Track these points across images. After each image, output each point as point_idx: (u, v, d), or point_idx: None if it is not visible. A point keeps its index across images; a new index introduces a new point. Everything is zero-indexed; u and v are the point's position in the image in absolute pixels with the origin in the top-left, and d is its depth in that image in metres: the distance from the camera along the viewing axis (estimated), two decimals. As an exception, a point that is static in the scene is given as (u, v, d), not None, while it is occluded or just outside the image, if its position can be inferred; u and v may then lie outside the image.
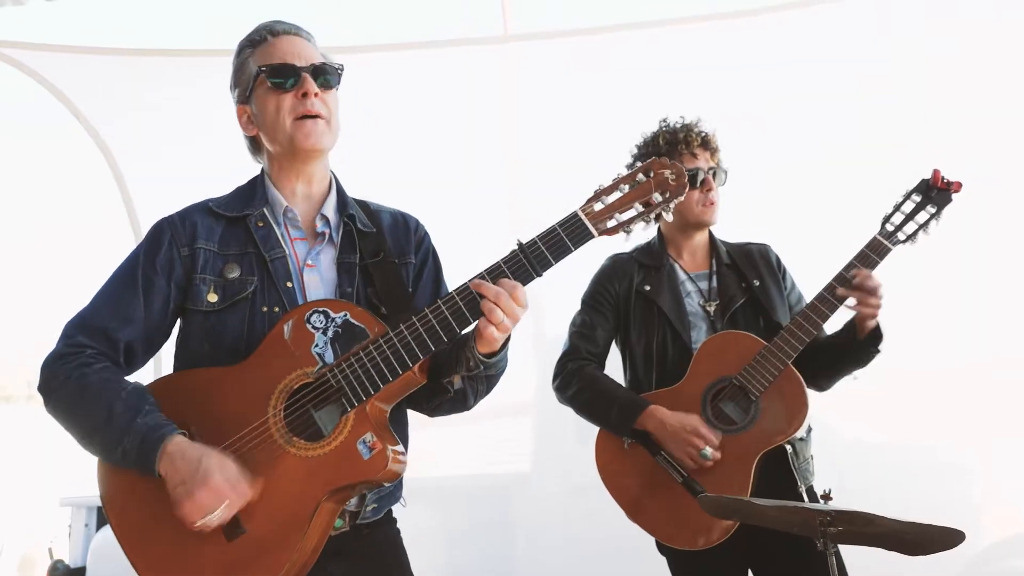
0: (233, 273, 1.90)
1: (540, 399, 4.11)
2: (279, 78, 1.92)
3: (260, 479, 1.72)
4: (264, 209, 1.97)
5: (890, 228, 2.47)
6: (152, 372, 2.72)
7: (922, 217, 2.46)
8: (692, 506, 2.34)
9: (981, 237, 3.64)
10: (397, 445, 1.79)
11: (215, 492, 1.67)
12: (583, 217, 1.73)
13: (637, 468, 2.55)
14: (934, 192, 2.45)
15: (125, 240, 4.43)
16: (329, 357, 1.78)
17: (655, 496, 2.51)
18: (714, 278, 2.72)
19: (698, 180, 2.64)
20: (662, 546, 2.59)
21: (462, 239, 1.82)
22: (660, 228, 2.82)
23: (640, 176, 1.76)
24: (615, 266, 2.78)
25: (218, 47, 4.28)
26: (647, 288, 2.69)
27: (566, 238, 1.72)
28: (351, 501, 1.86)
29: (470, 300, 1.72)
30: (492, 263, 1.75)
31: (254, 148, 2.07)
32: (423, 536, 2.16)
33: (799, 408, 2.46)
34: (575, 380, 2.66)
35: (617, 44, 4.34)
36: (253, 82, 1.95)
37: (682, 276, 2.74)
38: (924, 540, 1.96)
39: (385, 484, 1.82)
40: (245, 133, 2.04)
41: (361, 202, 2.08)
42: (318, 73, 1.93)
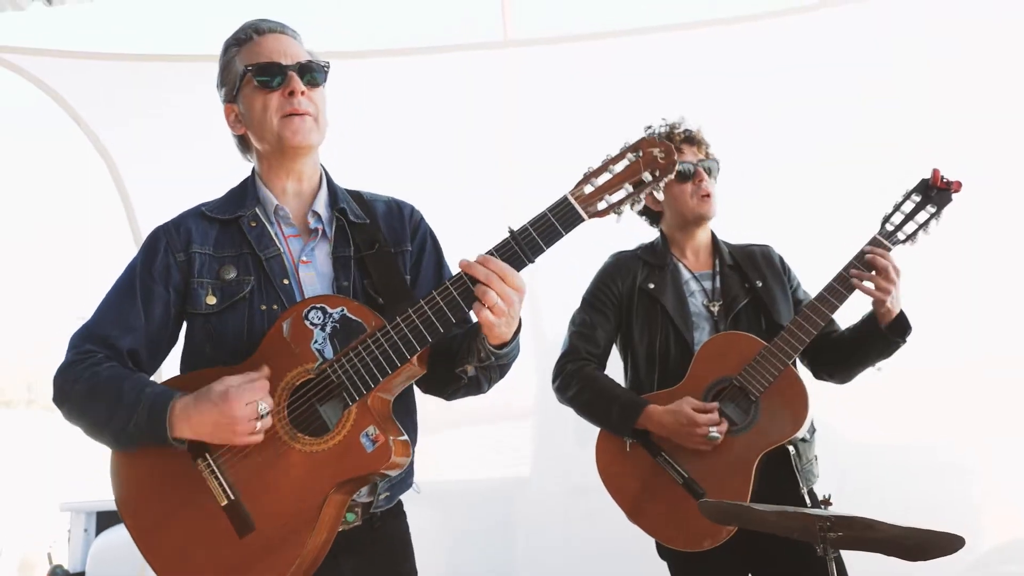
0: (230, 274, 1.92)
1: (540, 402, 4.11)
2: (265, 76, 1.93)
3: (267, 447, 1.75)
4: (256, 209, 1.98)
5: (890, 228, 2.47)
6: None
7: (922, 217, 2.46)
8: (693, 508, 2.33)
9: (982, 237, 3.64)
10: (401, 436, 1.80)
11: (243, 398, 1.70)
12: (572, 201, 1.73)
13: (638, 469, 2.54)
14: (934, 192, 2.45)
15: (125, 244, 4.42)
16: (329, 352, 1.79)
17: (656, 498, 2.51)
18: (717, 278, 2.72)
19: (688, 173, 2.65)
20: (662, 549, 2.59)
21: (462, 244, 1.83)
22: (662, 229, 2.82)
23: (629, 155, 1.74)
24: (618, 264, 2.78)
25: (217, 52, 4.29)
26: (651, 286, 2.69)
27: (556, 223, 1.72)
28: (363, 491, 1.88)
29: (464, 288, 1.72)
30: (485, 251, 1.74)
31: (243, 146, 2.08)
32: (424, 539, 2.16)
33: (800, 409, 2.46)
34: (575, 381, 2.66)
35: (618, 49, 4.34)
36: (240, 81, 1.96)
37: (686, 275, 2.73)
38: (924, 545, 1.96)
39: (391, 474, 1.83)
40: (233, 132, 2.05)
41: (354, 193, 2.08)
42: (304, 71, 1.94)
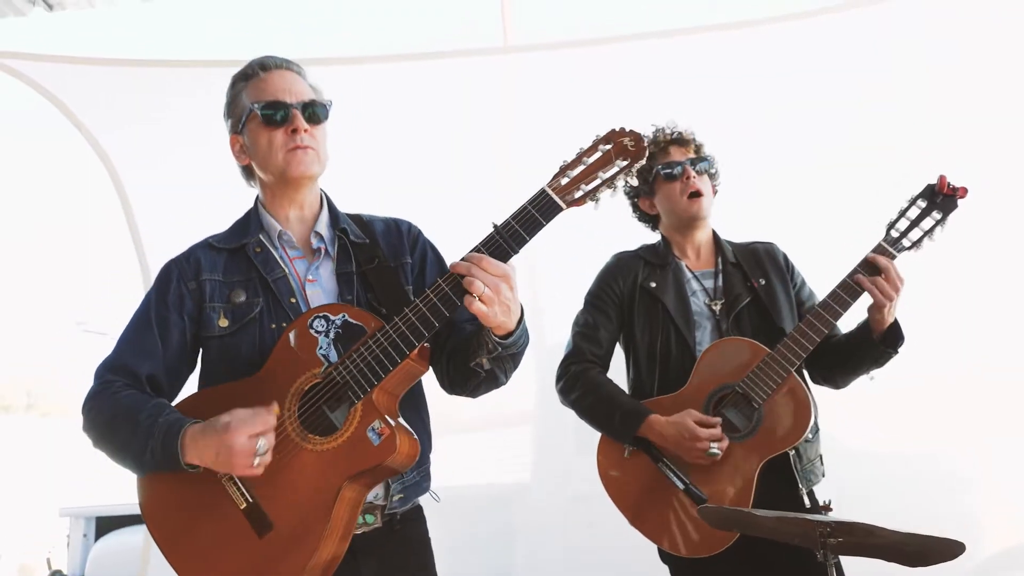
0: (240, 297, 2.03)
1: (540, 409, 4.11)
2: (271, 112, 2.03)
3: (279, 449, 1.82)
4: (260, 236, 2.10)
5: (895, 235, 2.46)
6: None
7: (927, 223, 2.44)
8: (694, 514, 2.33)
9: (983, 243, 3.63)
10: (407, 430, 1.88)
11: (243, 432, 1.76)
12: (550, 192, 1.84)
13: (639, 475, 2.54)
14: (940, 198, 2.44)
15: (125, 250, 4.42)
16: (333, 357, 1.90)
17: (657, 503, 2.51)
18: (719, 277, 2.72)
19: (675, 173, 2.67)
20: (664, 554, 2.58)
21: (461, 249, 1.86)
22: (662, 231, 2.82)
23: (601, 147, 1.86)
24: (620, 263, 2.78)
25: (217, 58, 4.36)
26: (652, 285, 2.69)
27: (536, 214, 1.83)
28: (377, 493, 1.97)
29: (454, 283, 1.82)
30: (472, 248, 1.85)
31: (247, 175, 2.18)
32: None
33: (803, 416, 2.45)
34: (578, 384, 2.65)
35: (618, 55, 4.34)
36: (246, 116, 2.06)
37: (688, 275, 2.73)
38: (924, 551, 1.96)
39: (399, 469, 1.90)
40: (238, 162, 2.15)
41: (354, 216, 2.19)
42: (307, 108, 2.05)
